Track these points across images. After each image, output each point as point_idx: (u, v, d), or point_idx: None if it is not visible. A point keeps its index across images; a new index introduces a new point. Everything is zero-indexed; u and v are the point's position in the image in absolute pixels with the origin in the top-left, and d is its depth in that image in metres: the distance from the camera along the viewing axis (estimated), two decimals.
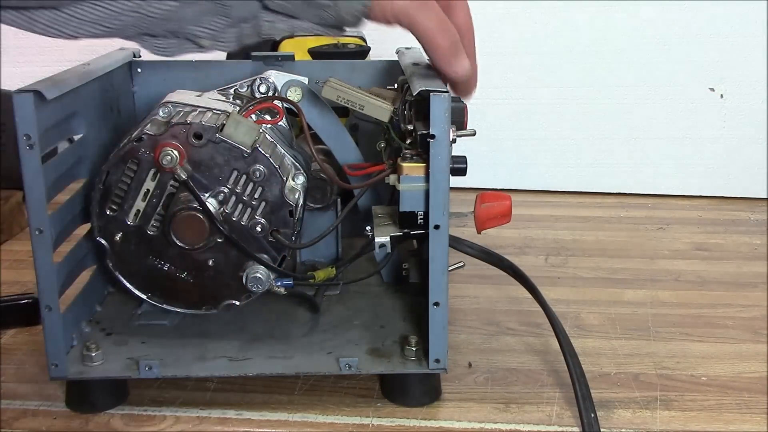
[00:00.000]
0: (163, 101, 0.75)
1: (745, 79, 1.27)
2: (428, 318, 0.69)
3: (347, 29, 0.63)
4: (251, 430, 0.70)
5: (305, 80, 0.79)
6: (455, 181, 0.66)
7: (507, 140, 1.33)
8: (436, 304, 0.69)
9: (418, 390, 0.73)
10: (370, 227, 0.72)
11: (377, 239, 0.70)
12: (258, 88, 0.80)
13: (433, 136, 0.64)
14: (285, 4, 0.61)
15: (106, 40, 0.61)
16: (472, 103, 0.70)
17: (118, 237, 0.72)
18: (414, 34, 0.63)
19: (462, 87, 0.69)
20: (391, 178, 0.69)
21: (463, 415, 0.72)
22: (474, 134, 0.68)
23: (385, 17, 0.62)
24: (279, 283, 0.73)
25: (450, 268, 0.70)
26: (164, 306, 0.75)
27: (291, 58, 0.86)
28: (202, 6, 0.59)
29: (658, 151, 1.32)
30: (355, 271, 0.83)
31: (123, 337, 0.76)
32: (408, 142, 0.70)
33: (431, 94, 0.63)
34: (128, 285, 0.74)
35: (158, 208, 0.72)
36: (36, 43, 1.27)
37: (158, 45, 0.62)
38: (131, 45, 0.65)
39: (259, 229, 0.72)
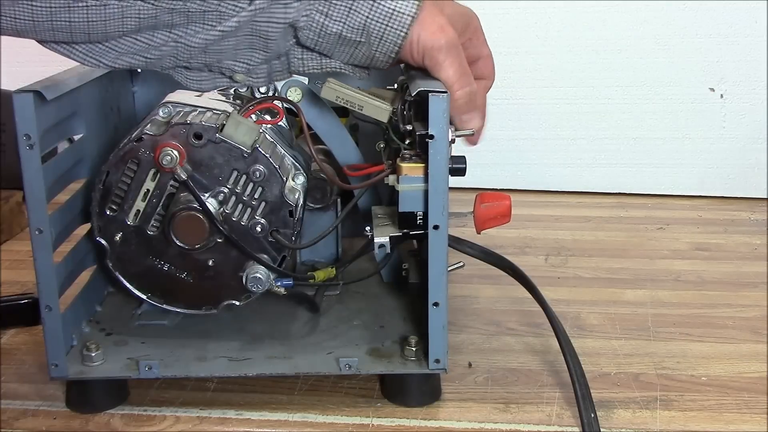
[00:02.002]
0: (163, 101, 0.75)
1: (745, 79, 1.27)
2: (428, 318, 0.69)
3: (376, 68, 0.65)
4: (251, 430, 0.70)
5: (305, 80, 0.79)
6: (455, 181, 0.66)
7: (507, 140, 1.33)
8: (436, 304, 0.69)
9: (418, 390, 0.73)
10: (369, 227, 0.72)
11: (377, 239, 0.70)
12: (258, 88, 0.80)
13: (432, 137, 0.64)
14: (319, 41, 0.62)
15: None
16: None
17: (118, 237, 0.72)
18: (436, 77, 0.65)
19: (469, 138, 0.70)
20: (391, 179, 0.69)
21: (463, 415, 0.72)
22: (472, 133, 0.67)
23: (413, 56, 0.64)
24: (279, 283, 0.73)
25: (450, 268, 0.70)
26: (164, 306, 0.75)
27: None
28: (243, 40, 0.60)
29: (658, 151, 1.32)
30: (355, 271, 0.83)
31: (123, 337, 0.76)
32: (407, 142, 0.70)
33: (430, 94, 0.63)
34: (128, 285, 0.74)
35: (158, 208, 0.72)
36: (36, 43, 1.27)
37: (192, 78, 0.64)
38: None
39: (259, 229, 0.72)
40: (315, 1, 0.60)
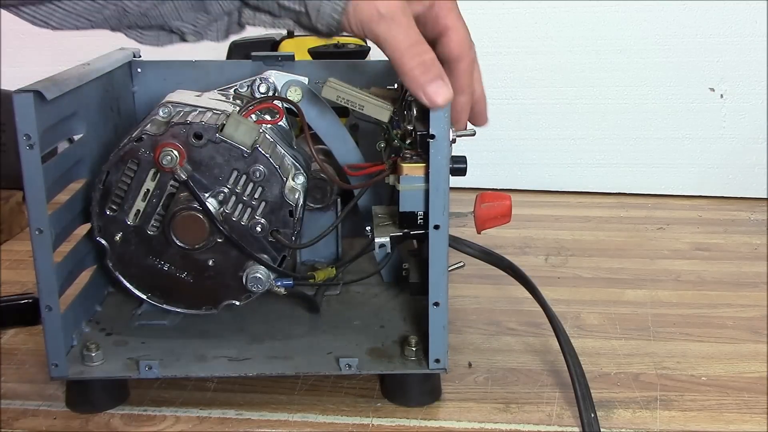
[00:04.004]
0: (163, 101, 0.75)
1: (745, 79, 1.27)
2: (428, 318, 0.69)
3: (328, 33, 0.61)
4: (251, 430, 0.70)
5: (305, 80, 0.79)
6: (455, 181, 0.66)
7: (507, 140, 1.33)
8: (436, 304, 0.69)
9: (418, 390, 0.73)
10: (370, 227, 0.72)
11: (377, 239, 0.70)
12: (258, 88, 0.80)
13: (432, 136, 0.64)
14: (262, 5, 0.59)
15: (108, 40, 0.61)
16: None
17: (118, 237, 0.72)
18: (383, 51, 0.60)
19: (454, 116, 0.64)
20: (391, 179, 0.69)
21: (463, 415, 0.72)
22: (474, 134, 0.67)
23: (353, 31, 0.59)
24: (279, 283, 0.73)
25: (450, 268, 0.70)
26: (164, 306, 0.75)
27: (291, 58, 0.86)
28: (180, 3, 0.58)
29: (658, 151, 1.32)
30: (355, 271, 0.83)
31: (123, 337, 0.76)
32: (408, 142, 0.70)
33: None
34: (128, 285, 0.74)
35: (158, 208, 0.72)
36: (36, 44, 1.27)
37: (146, 36, 0.61)
38: (132, 45, 0.65)
39: (259, 229, 0.72)
40: None
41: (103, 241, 0.72)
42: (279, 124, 0.80)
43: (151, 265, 0.73)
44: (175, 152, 0.69)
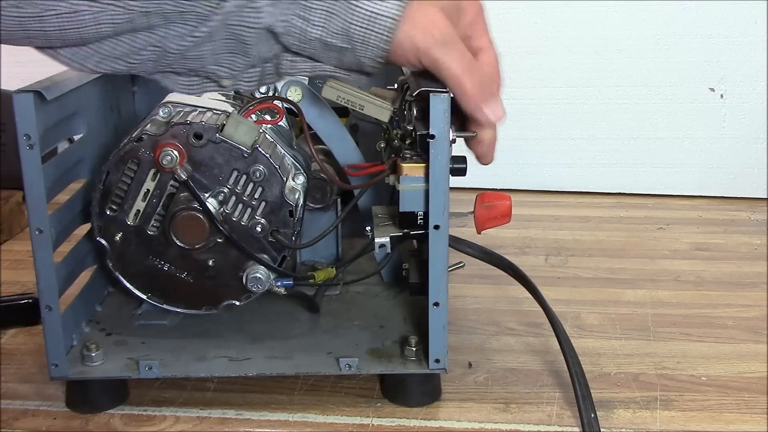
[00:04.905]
0: (163, 101, 0.75)
1: (745, 79, 1.27)
2: (428, 318, 0.69)
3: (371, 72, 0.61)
4: (251, 430, 0.70)
5: (305, 80, 0.79)
6: (455, 181, 0.66)
7: (507, 140, 1.32)
8: (436, 304, 0.69)
9: (418, 390, 0.73)
10: (370, 227, 0.72)
11: (377, 239, 0.70)
12: (258, 88, 0.80)
13: (432, 137, 0.64)
14: (303, 46, 0.59)
15: None
16: None
17: (118, 237, 0.72)
18: (439, 77, 0.61)
19: (485, 147, 0.66)
20: (391, 179, 0.69)
21: (463, 415, 0.72)
22: (474, 135, 0.67)
23: (407, 59, 0.60)
24: (279, 283, 0.73)
25: (450, 268, 0.70)
26: (164, 306, 0.75)
27: None
28: (221, 45, 0.58)
29: (658, 151, 1.32)
30: (355, 271, 0.83)
31: (123, 337, 0.76)
32: (408, 142, 0.70)
33: (431, 94, 0.63)
34: (128, 285, 0.74)
35: (158, 208, 0.72)
36: None
37: (182, 83, 0.62)
38: None
39: (259, 229, 0.72)
40: (293, 3, 0.57)
41: (103, 241, 0.72)
42: (279, 124, 0.80)
43: (151, 265, 0.73)
44: (175, 152, 0.69)
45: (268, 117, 0.77)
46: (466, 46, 0.63)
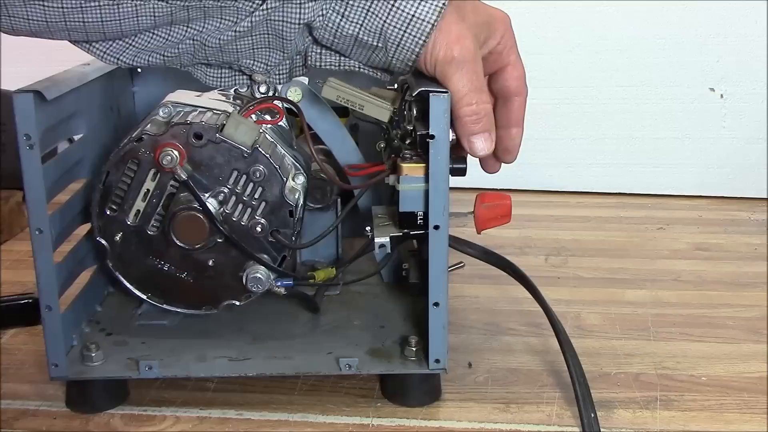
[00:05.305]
0: (163, 101, 0.75)
1: (745, 79, 1.27)
2: (428, 318, 0.69)
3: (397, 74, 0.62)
4: (251, 430, 0.70)
5: (305, 80, 0.79)
6: (455, 181, 0.66)
7: None
8: (436, 304, 0.69)
9: (418, 390, 0.73)
10: (370, 227, 0.72)
11: (377, 239, 0.70)
12: (258, 88, 0.79)
13: (432, 137, 0.64)
14: (335, 41, 0.59)
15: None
16: None
17: (118, 237, 0.72)
18: (448, 89, 0.62)
19: (509, 147, 0.67)
20: (391, 179, 0.69)
21: (463, 415, 0.72)
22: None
23: (426, 66, 0.61)
24: (279, 284, 0.73)
25: (450, 268, 0.70)
26: (164, 306, 0.75)
27: None
28: (259, 39, 0.59)
29: (658, 151, 1.32)
30: (355, 271, 0.83)
31: (123, 337, 0.76)
32: (408, 142, 0.70)
33: (431, 94, 0.63)
34: (128, 285, 0.74)
35: (158, 208, 0.72)
36: (36, 44, 1.27)
37: (212, 75, 0.62)
38: None
39: (259, 229, 0.72)
40: (332, 0, 0.58)
41: (103, 241, 0.72)
42: (279, 124, 0.80)
43: (151, 265, 0.73)
44: (175, 152, 0.69)
45: (268, 117, 0.77)
46: (496, 59, 0.65)
